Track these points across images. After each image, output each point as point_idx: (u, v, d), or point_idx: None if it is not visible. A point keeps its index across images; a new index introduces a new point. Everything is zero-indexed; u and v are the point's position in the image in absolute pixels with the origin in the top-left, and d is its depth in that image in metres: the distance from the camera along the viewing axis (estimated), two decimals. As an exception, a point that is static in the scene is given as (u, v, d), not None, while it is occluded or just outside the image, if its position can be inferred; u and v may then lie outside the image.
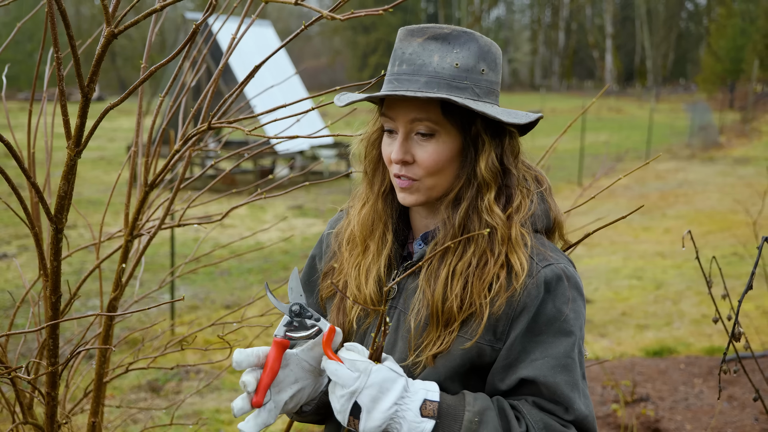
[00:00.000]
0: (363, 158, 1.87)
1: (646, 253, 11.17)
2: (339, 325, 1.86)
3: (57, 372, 2.01)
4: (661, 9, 73.71)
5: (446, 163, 1.72)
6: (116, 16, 1.65)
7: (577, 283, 1.74)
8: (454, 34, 1.69)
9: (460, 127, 1.71)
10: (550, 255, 1.73)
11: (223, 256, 9.23)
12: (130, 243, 2.28)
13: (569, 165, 20.04)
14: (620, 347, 7.16)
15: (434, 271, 1.73)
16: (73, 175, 1.78)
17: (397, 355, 1.77)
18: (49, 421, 2.08)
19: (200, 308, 8.27)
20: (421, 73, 1.67)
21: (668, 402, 5.78)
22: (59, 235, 1.85)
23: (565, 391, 1.64)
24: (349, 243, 1.91)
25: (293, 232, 12.63)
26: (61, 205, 1.81)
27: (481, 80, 1.71)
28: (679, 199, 16.21)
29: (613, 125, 35.33)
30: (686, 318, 8.04)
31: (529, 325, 1.67)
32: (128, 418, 5.45)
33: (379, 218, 1.85)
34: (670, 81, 75.65)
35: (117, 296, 2.28)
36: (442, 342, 1.69)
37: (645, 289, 9.28)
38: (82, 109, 1.69)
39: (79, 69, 1.64)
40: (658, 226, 13.22)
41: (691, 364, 6.60)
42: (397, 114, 1.72)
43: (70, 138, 1.74)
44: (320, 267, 2.01)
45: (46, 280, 1.92)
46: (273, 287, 1.82)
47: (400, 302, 1.80)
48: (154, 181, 2.19)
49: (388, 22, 74.75)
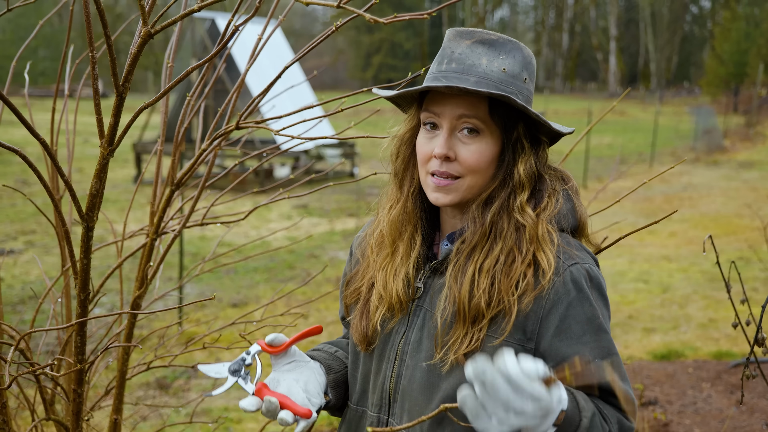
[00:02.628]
0: (395, 157, 1.88)
1: (651, 257, 11.16)
2: (362, 329, 1.88)
3: (84, 369, 2.01)
4: (665, 12, 73.70)
5: (487, 164, 1.74)
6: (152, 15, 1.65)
7: (599, 283, 1.75)
8: (501, 41, 1.74)
9: (503, 130, 1.74)
10: (576, 254, 1.75)
11: (233, 257, 9.24)
12: (154, 241, 2.29)
13: (574, 167, 20.03)
14: (627, 350, 7.16)
15: (461, 268, 1.74)
16: (105, 173, 1.78)
17: (424, 354, 1.77)
18: (74, 418, 2.09)
19: (207, 306, 8.28)
20: (471, 73, 1.69)
21: (677, 406, 5.78)
22: (90, 233, 1.86)
23: (620, 385, 1.67)
24: (378, 244, 1.92)
25: (298, 232, 12.64)
26: (92, 203, 1.82)
27: (524, 88, 1.75)
28: (684, 203, 16.21)
29: (617, 128, 35.33)
30: (693, 322, 8.04)
31: (564, 326, 1.68)
32: (135, 414, 5.46)
33: (409, 219, 1.86)
34: (673, 84, 75.64)
35: (141, 294, 2.29)
36: (471, 340, 1.70)
37: (651, 292, 9.28)
38: (116, 108, 1.69)
39: (115, 68, 1.64)
40: (663, 229, 13.22)
41: (699, 368, 6.60)
42: (444, 109, 1.73)
43: (103, 137, 1.74)
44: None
45: (76, 278, 1.92)
46: (277, 286, 1.84)
47: (426, 301, 1.81)
48: (181, 180, 2.19)
49: (392, 23, 74.68)
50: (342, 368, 1.99)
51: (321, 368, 1.90)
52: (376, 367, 1.88)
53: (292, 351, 1.85)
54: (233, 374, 1.81)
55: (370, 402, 1.89)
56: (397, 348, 1.83)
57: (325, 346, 2.06)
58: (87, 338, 3.13)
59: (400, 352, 1.82)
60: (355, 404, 1.94)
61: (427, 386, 1.76)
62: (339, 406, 1.98)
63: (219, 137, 2.10)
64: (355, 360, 1.95)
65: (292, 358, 1.85)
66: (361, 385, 1.92)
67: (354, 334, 1.91)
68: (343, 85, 74.77)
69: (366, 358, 1.91)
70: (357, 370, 1.94)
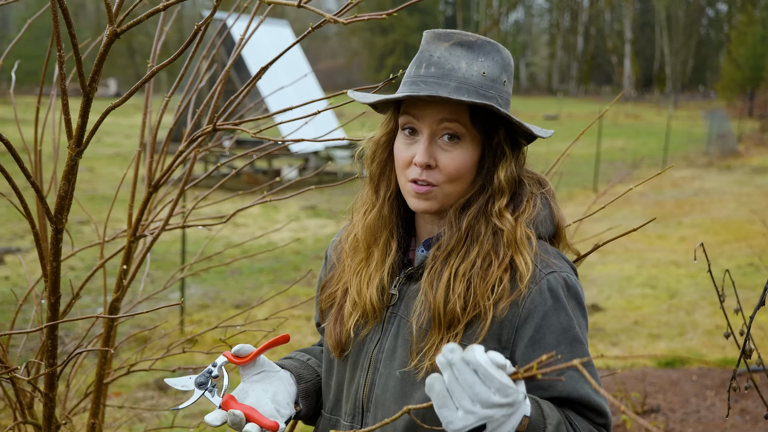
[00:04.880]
0: (370, 161, 1.84)
1: (660, 262, 11.07)
2: (336, 335, 1.85)
3: (55, 373, 1.98)
4: (681, 15, 73.39)
5: (467, 170, 1.71)
6: (119, 15, 1.62)
7: (577, 292, 1.72)
8: (479, 42, 1.70)
9: (484, 135, 1.71)
10: (553, 262, 1.71)
11: (234, 256, 9.22)
12: (133, 243, 2.25)
13: (585, 171, 19.95)
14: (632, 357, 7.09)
15: (437, 273, 1.71)
16: (73, 175, 1.75)
17: (398, 362, 1.74)
18: (46, 422, 2.06)
19: (210, 307, 8.26)
20: (451, 78, 1.66)
21: (679, 414, 5.71)
22: (59, 236, 1.82)
23: (594, 397, 1.64)
24: (352, 249, 1.88)
25: (305, 233, 12.62)
26: (61, 205, 1.79)
27: (503, 91, 1.72)
28: (695, 208, 16.09)
29: (630, 131, 35.18)
30: (700, 329, 7.96)
31: (539, 335, 1.64)
32: (134, 417, 5.43)
33: (384, 225, 1.82)
34: (689, 88, 75.27)
35: (119, 297, 2.26)
36: None
37: (658, 298, 9.20)
38: (83, 108, 1.66)
39: (81, 68, 1.61)
40: (673, 234, 13.12)
41: (704, 376, 6.52)
42: (424, 114, 1.69)
43: (71, 137, 1.71)
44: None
45: (46, 281, 1.89)
46: (283, 287, 1.82)
47: (401, 309, 1.78)
48: (158, 182, 2.16)
49: (406, 24, 74.76)
50: (314, 377, 1.95)
51: (291, 377, 1.87)
52: (350, 375, 1.84)
53: (260, 361, 1.82)
54: (199, 387, 1.77)
55: (343, 411, 1.85)
56: (371, 356, 1.79)
57: (297, 354, 2.02)
58: (74, 339, 3.11)
59: (373, 360, 1.79)
60: (329, 413, 1.90)
61: (401, 395, 1.73)
62: (311, 415, 1.94)
63: (196, 139, 2.07)
64: (329, 368, 1.91)
65: (261, 368, 1.81)
66: (335, 393, 1.89)
67: (328, 340, 1.87)
68: (356, 86, 74.77)
69: (340, 365, 1.87)
70: (331, 378, 1.90)
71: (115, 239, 2.57)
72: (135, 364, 2.62)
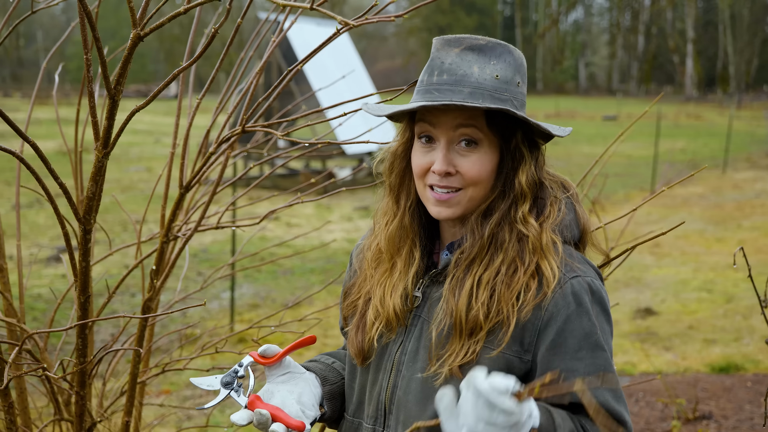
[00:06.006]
0: (389, 172, 1.83)
1: (717, 265, 10.83)
2: (358, 343, 1.84)
3: (85, 371, 2.02)
4: (745, 13, 71.71)
5: (487, 174, 1.70)
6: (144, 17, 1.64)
7: (601, 298, 1.69)
8: (490, 45, 1.68)
9: (501, 139, 1.69)
10: (577, 266, 1.69)
11: (276, 255, 9.29)
12: (166, 245, 2.28)
13: (643, 172, 19.65)
14: (685, 362, 6.95)
15: (459, 281, 1.70)
16: (101, 176, 1.78)
17: (420, 365, 1.73)
18: (78, 420, 2.10)
19: (261, 307, 8.34)
20: (464, 84, 1.64)
21: (732, 421, 5.58)
22: (87, 236, 1.86)
23: (614, 405, 1.62)
24: (375, 259, 1.87)
25: (358, 234, 12.65)
26: (89, 206, 1.82)
27: (518, 93, 1.70)
28: (756, 210, 15.70)
29: (691, 132, 34.51)
30: (756, 334, 7.76)
31: (560, 339, 1.62)
32: (183, 415, 5.52)
33: (407, 234, 1.81)
34: (753, 88, 73.53)
35: (151, 297, 2.29)
36: (466, 352, 1.66)
37: (714, 302, 9.00)
38: (109, 110, 1.68)
39: (106, 71, 1.63)
40: (732, 237, 12.82)
41: (759, 383, 6.36)
42: (440, 121, 1.68)
43: (98, 139, 1.74)
44: None
45: (76, 280, 1.93)
46: (333, 288, 1.84)
47: (424, 311, 1.77)
48: (189, 184, 2.18)
49: (464, 24, 74.56)
50: (338, 379, 1.95)
51: (316, 379, 1.87)
52: (372, 377, 1.84)
53: (286, 362, 1.82)
54: (225, 386, 1.78)
55: (366, 413, 1.85)
56: (394, 358, 1.79)
57: (323, 357, 2.02)
58: (114, 338, 3.16)
59: (396, 362, 1.78)
60: (352, 416, 1.90)
61: (423, 397, 1.72)
62: (335, 418, 1.94)
63: (225, 141, 2.09)
64: (352, 371, 1.91)
65: (287, 369, 1.82)
66: (358, 396, 1.88)
67: (350, 347, 1.87)
68: (382, 89, 75.02)
69: (363, 368, 1.87)
70: (354, 381, 1.90)
71: (152, 239, 2.60)
72: (168, 364, 2.65)
